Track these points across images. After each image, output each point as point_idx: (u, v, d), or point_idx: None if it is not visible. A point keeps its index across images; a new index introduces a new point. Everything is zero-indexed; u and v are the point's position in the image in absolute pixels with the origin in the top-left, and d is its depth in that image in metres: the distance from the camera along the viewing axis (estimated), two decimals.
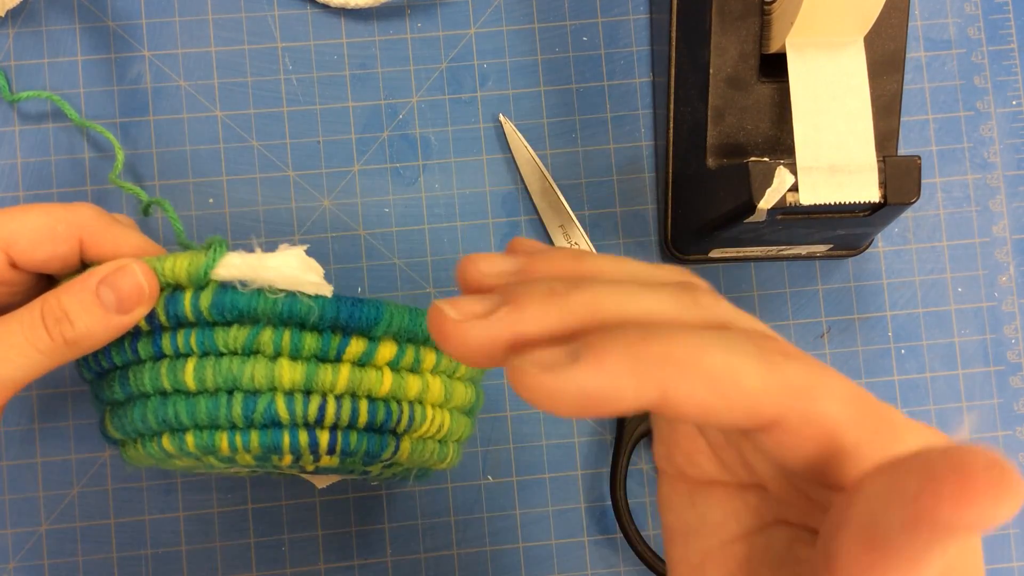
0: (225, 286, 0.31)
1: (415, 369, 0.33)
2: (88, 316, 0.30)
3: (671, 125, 0.46)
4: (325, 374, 0.31)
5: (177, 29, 0.48)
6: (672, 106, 0.46)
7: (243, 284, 0.30)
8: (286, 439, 0.32)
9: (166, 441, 0.33)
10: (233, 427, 0.32)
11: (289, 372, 0.31)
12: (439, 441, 0.35)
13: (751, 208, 0.38)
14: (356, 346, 0.31)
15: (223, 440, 0.32)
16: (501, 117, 0.48)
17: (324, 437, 0.32)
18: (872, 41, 0.41)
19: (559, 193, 0.47)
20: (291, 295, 0.30)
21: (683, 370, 0.19)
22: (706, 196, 0.43)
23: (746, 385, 0.19)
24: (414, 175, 0.48)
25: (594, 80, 0.49)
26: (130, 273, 0.30)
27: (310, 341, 0.31)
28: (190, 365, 0.31)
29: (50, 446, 0.46)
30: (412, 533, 0.46)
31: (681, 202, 0.46)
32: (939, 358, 0.48)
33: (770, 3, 0.42)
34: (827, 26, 0.39)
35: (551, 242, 0.47)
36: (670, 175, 0.47)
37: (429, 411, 0.34)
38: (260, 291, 0.30)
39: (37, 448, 0.46)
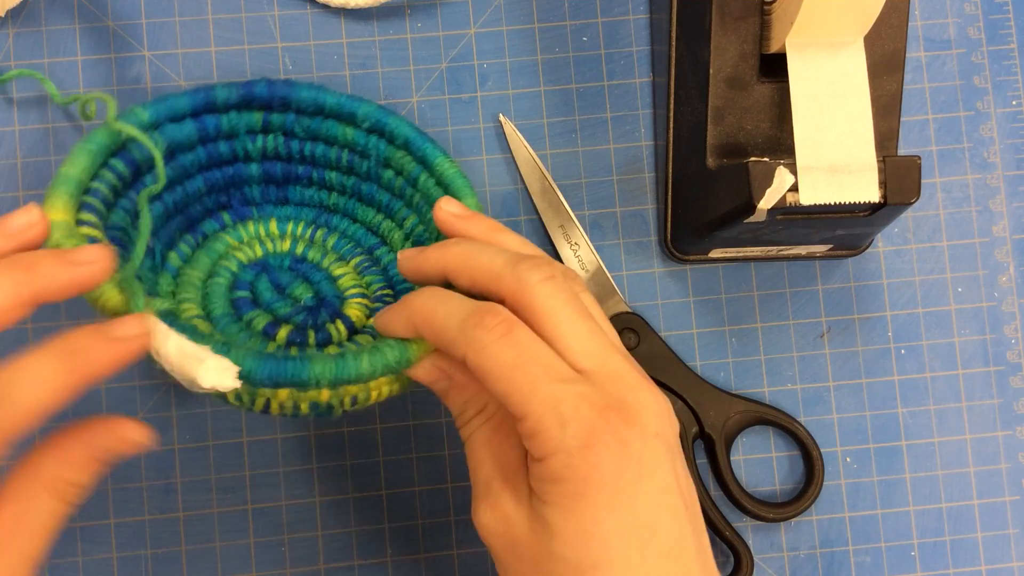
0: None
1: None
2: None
3: (671, 125, 0.46)
4: (264, 392, 0.34)
5: (177, 29, 0.48)
6: (672, 106, 0.46)
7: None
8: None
9: None
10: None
11: (231, 392, 0.34)
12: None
13: (751, 208, 0.38)
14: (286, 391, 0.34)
15: None
16: (501, 117, 0.48)
17: (274, 412, 0.35)
18: (872, 41, 0.41)
19: (559, 193, 0.47)
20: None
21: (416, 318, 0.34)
22: (706, 196, 0.43)
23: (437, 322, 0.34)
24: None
25: (594, 80, 0.49)
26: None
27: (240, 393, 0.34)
28: None
29: None
30: (412, 533, 0.46)
31: (681, 202, 0.46)
32: (939, 358, 0.48)
33: (770, 3, 0.42)
34: (827, 26, 0.39)
35: (551, 242, 0.47)
36: (670, 175, 0.47)
37: (374, 393, 0.36)
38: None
39: None
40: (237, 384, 0.31)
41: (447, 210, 0.38)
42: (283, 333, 0.39)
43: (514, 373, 0.31)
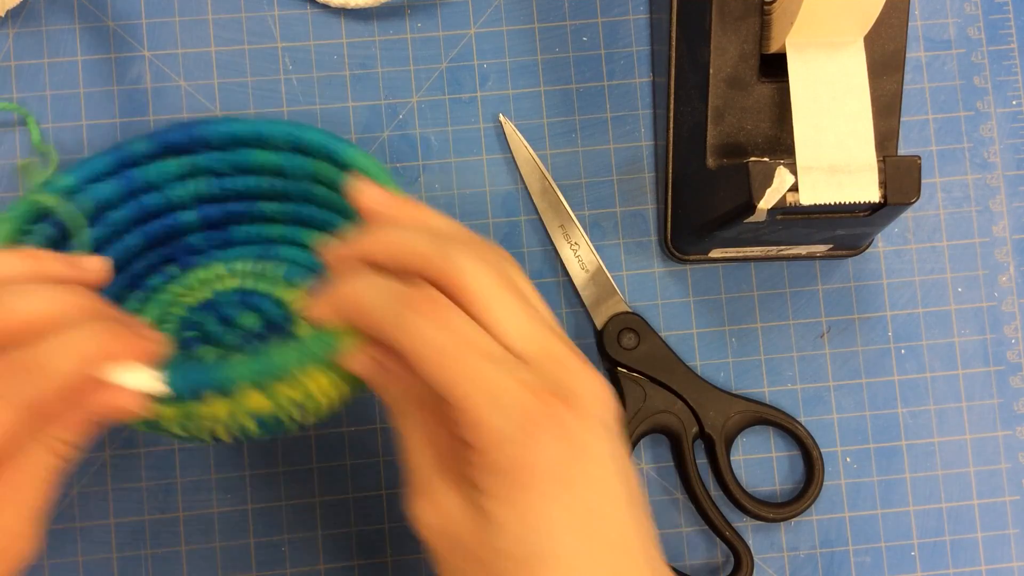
0: None
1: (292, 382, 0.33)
2: None
3: (671, 125, 0.46)
4: (202, 413, 0.32)
5: (177, 29, 0.48)
6: (672, 106, 0.46)
7: None
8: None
9: None
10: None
11: (169, 412, 0.32)
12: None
13: (751, 208, 0.38)
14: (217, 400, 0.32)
15: None
16: (501, 117, 0.48)
17: (223, 438, 0.34)
18: (872, 41, 0.41)
19: (559, 193, 0.47)
20: None
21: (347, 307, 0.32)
22: (706, 196, 0.43)
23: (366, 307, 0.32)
24: (414, 175, 0.48)
25: (594, 80, 0.49)
26: None
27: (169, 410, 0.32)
28: None
29: None
30: (412, 533, 0.46)
31: (681, 202, 0.46)
32: (939, 358, 0.48)
33: (770, 3, 0.42)
34: (827, 26, 0.39)
35: (551, 242, 0.47)
36: (670, 175, 0.47)
37: (321, 399, 0.34)
38: None
39: None
40: (163, 388, 0.30)
41: (369, 195, 0.35)
42: None
43: (448, 358, 0.30)
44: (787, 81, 0.39)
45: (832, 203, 0.38)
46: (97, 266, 0.35)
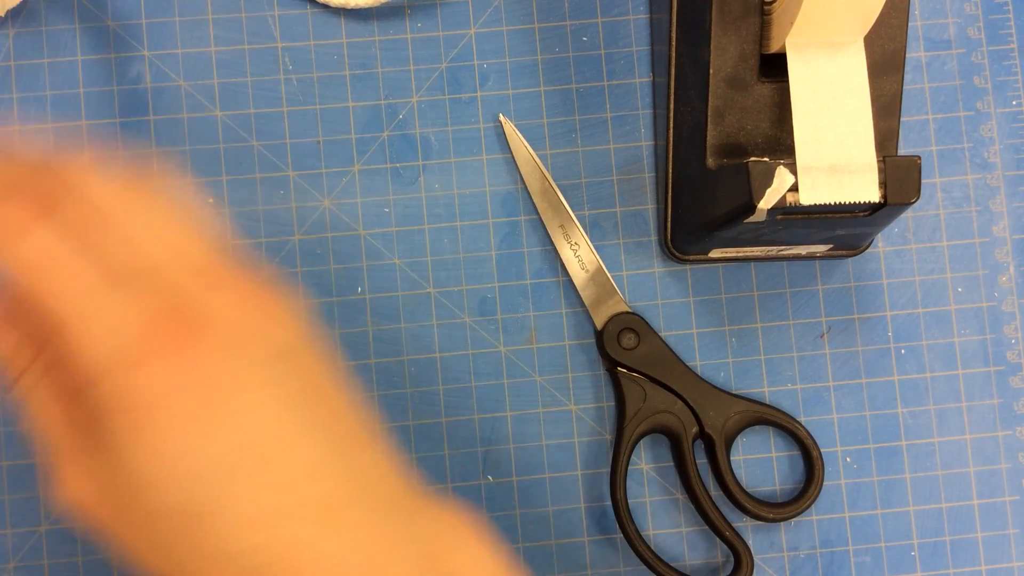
0: None
1: None
2: None
3: (671, 125, 0.46)
4: None
5: (177, 29, 0.48)
6: (672, 106, 0.46)
7: None
8: None
9: None
10: None
11: None
12: None
13: (751, 208, 0.38)
14: None
15: None
16: (501, 117, 0.48)
17: None
18: (872, 41, 0.41)
19: (559, 193, 0.47)
20: None
21: None
22: (706, 196, 0.43)
23: None
24: (414, 175, 0.48)
25: (594, 80, 0.49)
26: None
27: None
28: None
29: None
30: None
31: (681, 202, 0.46)
32: (939, 358, 0.48)
33: (770, 3, 0.42)
34: (827, 26, 0.39)
35: (551, 242, 0.47)
36: (670, 175, 0.47)
37: None
38: None
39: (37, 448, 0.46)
40: None
41: None
42: None
43: (42, 277, 0.25)
44: (787, 81, 0.39)
45: (832, 203, 0.38)
46: None
